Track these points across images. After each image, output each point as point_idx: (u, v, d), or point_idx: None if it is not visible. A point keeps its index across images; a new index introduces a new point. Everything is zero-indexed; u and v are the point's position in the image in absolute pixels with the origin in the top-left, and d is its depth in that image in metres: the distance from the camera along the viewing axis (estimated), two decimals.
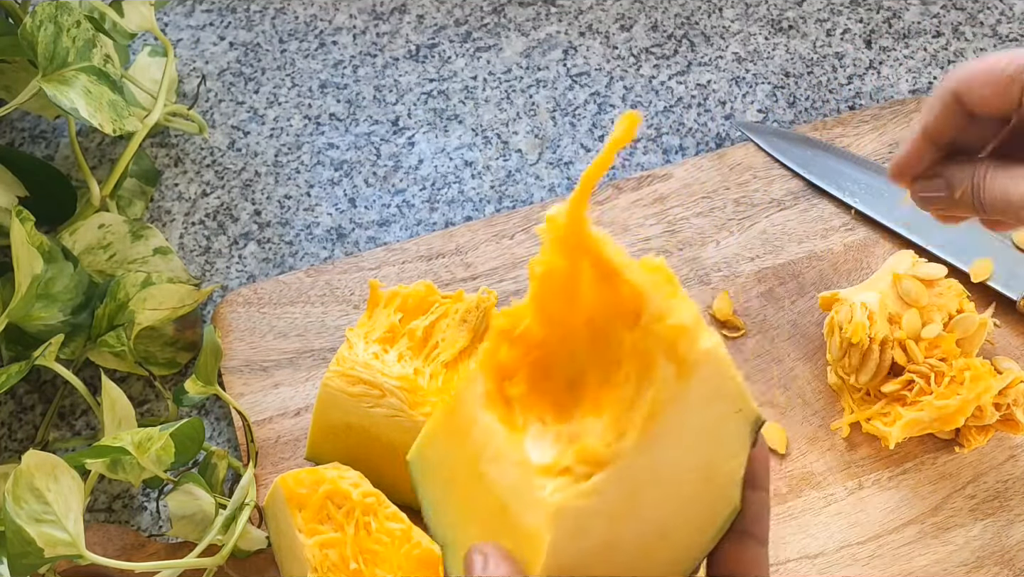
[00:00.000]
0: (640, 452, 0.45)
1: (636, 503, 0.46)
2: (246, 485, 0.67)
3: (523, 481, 0.46)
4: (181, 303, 0.75)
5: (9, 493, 0.59)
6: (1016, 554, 0.69)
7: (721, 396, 0.46)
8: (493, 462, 0.48)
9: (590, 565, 0.47)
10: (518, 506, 0.47)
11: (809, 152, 0.85)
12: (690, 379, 0.45)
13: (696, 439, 0.46)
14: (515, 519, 0.47)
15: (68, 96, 0.71)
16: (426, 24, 0.97)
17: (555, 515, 0.44)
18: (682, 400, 0.44)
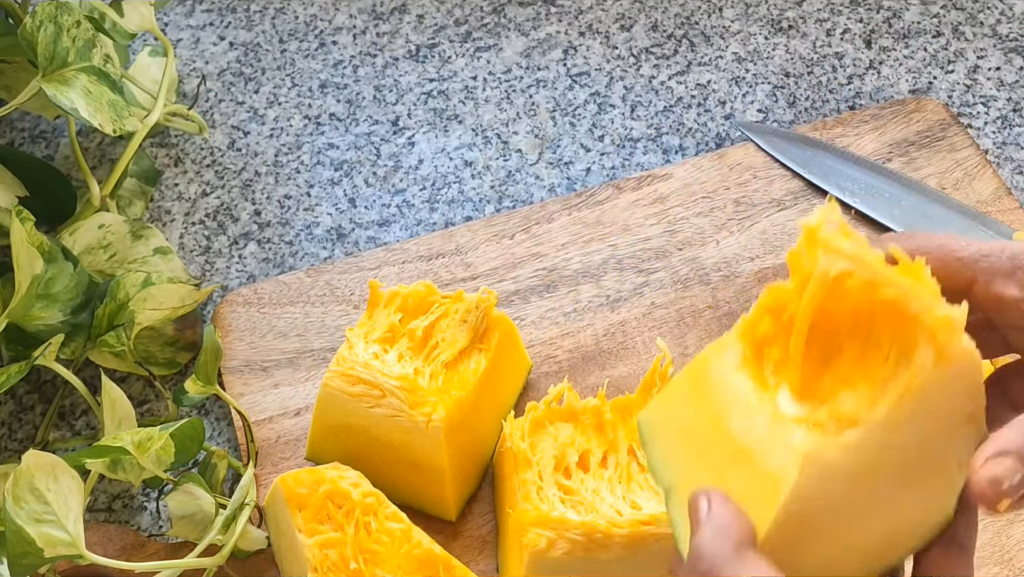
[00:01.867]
0: (887, 428, 0.48)
1: (874, 476, 0.48)
2: (246, 485, 0.67)
3: (773, 430, 0.50)
4: (181, 303, 0.75)
5: (9, 493, 0.59)
6: (1016, 554, 0.69)
7: (968, 398, 0.49)
8: (741, 417, 0.51)
9: (816, 528, 0.49)
10: (763, 451, 0.50)
11: (809, 152, 0.85)
12: (946, 370, 0.48)
13: (937, 431, 0.48)
14: (758, 462, 0.49)
15: (68, 96, 0.71)
16: (426, 24, 0.97)
17: (806, 459, 0.47)
18: (935, 388, 0.47)
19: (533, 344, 0.77)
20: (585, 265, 0.80)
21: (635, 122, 0.90)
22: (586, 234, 0.82)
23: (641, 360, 0.76)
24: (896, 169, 0.85)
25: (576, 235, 0.82)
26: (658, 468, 0.55)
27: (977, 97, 0.91)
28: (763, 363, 0.53)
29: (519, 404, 0.74)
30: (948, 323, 0.48)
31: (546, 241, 0.81)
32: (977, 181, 0.84)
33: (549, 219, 0.82)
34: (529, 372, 0.76)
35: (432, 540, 0.64)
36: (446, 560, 0.63)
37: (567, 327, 0.78)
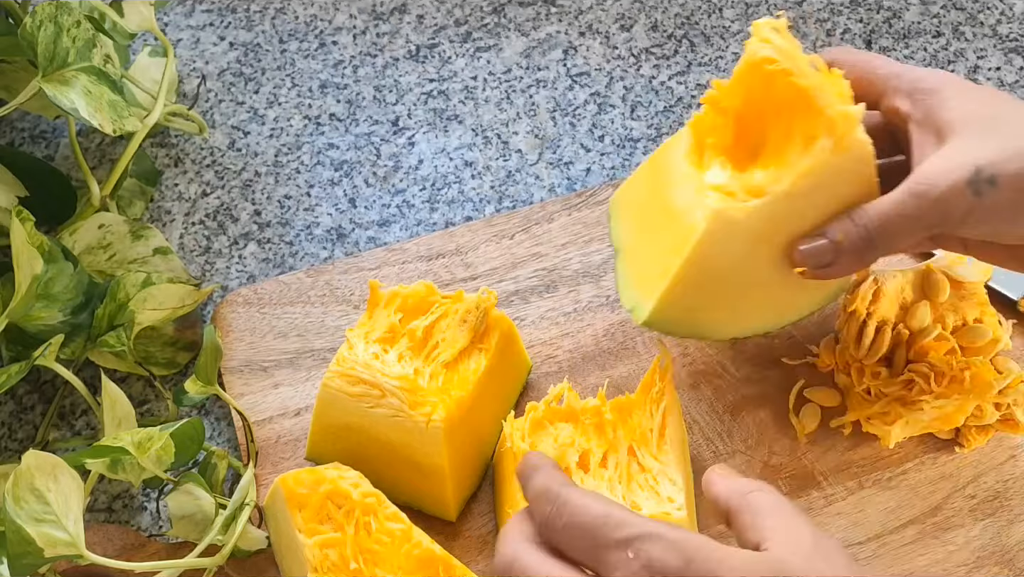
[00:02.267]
0: (789, 198, 0.61)
1: (774, 237, 0.62)
2: (246, 485, 0.67)
3: (697, 195, 0.63)
4: (181, 303, 0.75)
5: (9, 493, 0.59)
6: (1016, 554, 0.69)
7: (859, 185, 0.61)
8: (677, 187, 0.65)
9: (716, 281, 0.63)
10: (686, 211, 0.63)
11: None
12: (841, 155, 0.60)
13: (830, 205, 0.61)
14: (681, 220, 0.64)
15: (68, 96, 0.71)
16: (426, 24, 0.97)
17: (713, 215, 0.61)
18: (830, 172, 0.60)
19: (533, 344, 0.77)
20: (585, 265, 0.80)
21: (635, 122, 0.90)
22: (586, 234, 0.82)
23: (641, 360, 0.76)
24: None
25: (576, 235, 0.82)
26: (614, 234, 0.71)
27: None
28: (703, 148, 0.67)
29: (519, 404, 0.74)
30: (847, 117, 0.60)
31: (546, 241, 0.81)
32: None
33: (549, 219, 0.82)
34: (529, 372, 0.76)
35: (432, 540, 0.64)
36: (446, 560, 0.63)
37: (567, 327, 0.78)
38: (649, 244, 0.67)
